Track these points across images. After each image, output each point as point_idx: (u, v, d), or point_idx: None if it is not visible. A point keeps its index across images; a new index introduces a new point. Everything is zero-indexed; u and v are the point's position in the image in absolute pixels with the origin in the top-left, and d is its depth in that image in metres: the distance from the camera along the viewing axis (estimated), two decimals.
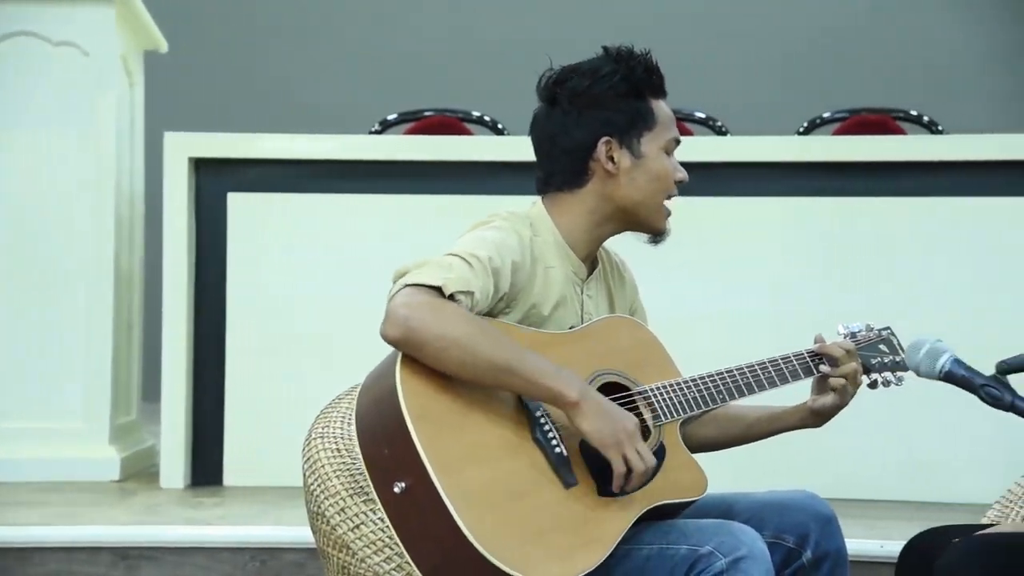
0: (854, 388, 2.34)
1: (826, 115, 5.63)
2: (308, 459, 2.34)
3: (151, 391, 4.77)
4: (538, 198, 2.38)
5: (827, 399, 2.34)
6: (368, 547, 2.24)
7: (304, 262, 4.43)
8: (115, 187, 4.55)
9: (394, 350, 2.14)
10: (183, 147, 4.48)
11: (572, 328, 2.29)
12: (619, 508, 2.16)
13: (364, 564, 2.24)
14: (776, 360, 2.35)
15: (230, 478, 4.37)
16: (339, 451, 2.31)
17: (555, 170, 2.34)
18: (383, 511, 2.09)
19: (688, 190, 2.41)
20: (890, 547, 2.22)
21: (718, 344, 4.06)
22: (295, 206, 4.47)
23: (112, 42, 4.57)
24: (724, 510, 2.31)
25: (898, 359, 2.37)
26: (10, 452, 4.38)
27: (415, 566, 2.06)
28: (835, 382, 2.33)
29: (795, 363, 2.35)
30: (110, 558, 3.53)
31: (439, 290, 2.12)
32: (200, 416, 4.43)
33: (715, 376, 2.31)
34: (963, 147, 4.40)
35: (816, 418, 2.37)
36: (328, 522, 2.27)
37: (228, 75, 6.94)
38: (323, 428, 2.36)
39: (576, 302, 2.33)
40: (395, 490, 2.05)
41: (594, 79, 2.30)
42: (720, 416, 2.44)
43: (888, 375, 2.37)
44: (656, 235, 2.37)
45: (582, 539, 2.10)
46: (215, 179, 4.49)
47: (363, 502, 2.24)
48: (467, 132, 5.48)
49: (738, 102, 6.38)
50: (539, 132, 2.36)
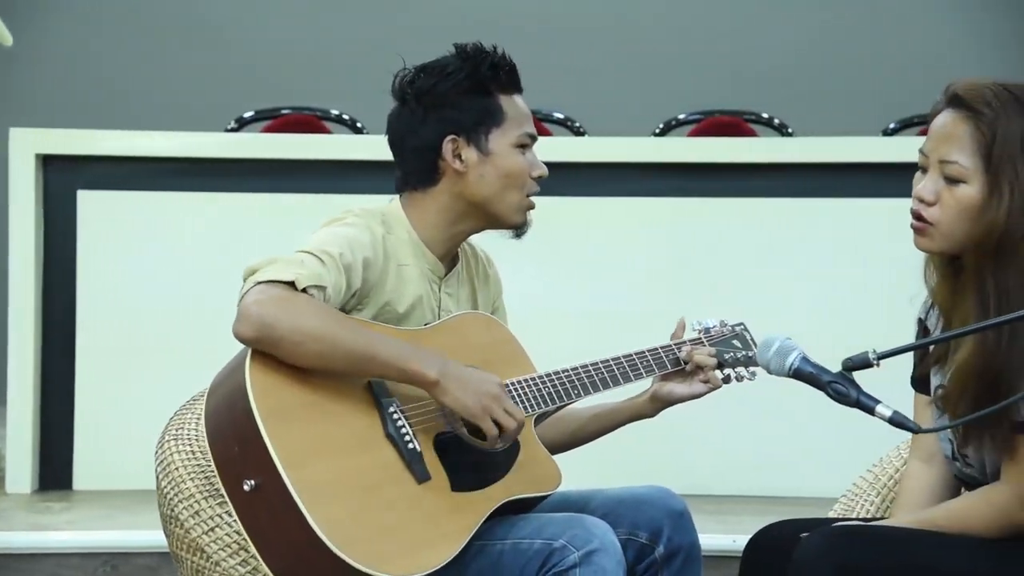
0: (707, 387, 2.37)
1: (681, 116, 5.71)
2: (161, 461, 2.30)
3: None
4: (396, 196, 2.38)
5: (678, 388, 2.37)
6: (223, 550, 2.21)
7: (157, 261, 4.35)
8: None
9: (243, 347, 2.11)
10: (30, 143, 4.36)
11: (427, 324, 2.29)
12: (473, 502, 2.17)
13: (219, 567, 2.21)
14: (631, 355, 2.37)
15: (80, 482, 4.27)
16: (193, 453, 2.28)
17: (408, 169, 2.34)
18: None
19: (546, 190, 2.42)
20: (742, 541, 2.26)
21: (576, 342, 4.08)
22: (148, 204, 4.38)
23: None
24: (579, 507, 2.32)
25: (751, 354, 2.41)
26: None
27: (265, 565, 2.05)
28: (697, 387, 2.37)
29: (649, 358, 2.37)
30: None
31: (291, 285, 2.10)
32: (48, 419, 4.32)
33: (570, 371, 2.32)
34: (813, 149, 4.50)
35: (655, 404, 2.40)
36: (182, 525, 2.24)
37: (79, 71, 6.78)
38: (177, 430, 2.33)
39: (433, 300, 2.33)
40: (245, 488, 2.03)
41: (440, 77, 2.30)
42: (560, 418, 2.45)
43: (741, 370, 2.41)
44: (515, 229, 2.37)
45: (435, 533, 2.11)
46: (64, 176, 4.38)
47: (218, 504, 2.21)
48: (325, 130, 5.44)
49: (596, 103, 6.44)
50: (392, 132, 2.37)
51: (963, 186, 2.03)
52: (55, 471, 4.28)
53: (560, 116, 5.66)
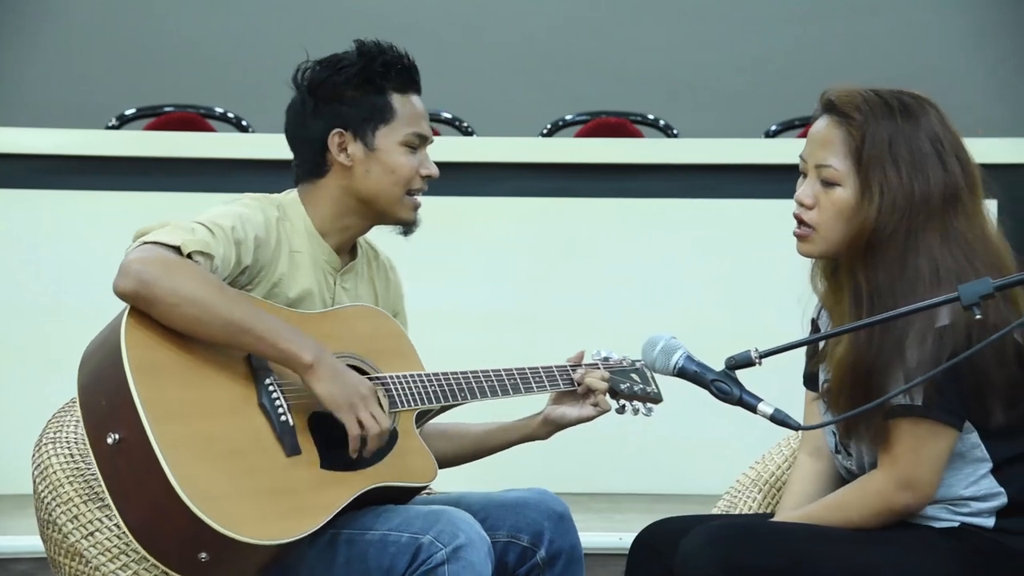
0: (597, 410, 2.39)
1: (568, 117, 5.74)
2: (38, 465, 2.26)
3: None
4: (294, 189, 2.38)
5: (570, 411, 2.39)
6: (103, 554, 2.17)
7: (36, 260, 4.26)
8: None
9: (124, 307, 2.10)
10: None
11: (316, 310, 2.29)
12: (341, 482, 2.16)
13: (98, 572, 2.17)
14: (524, 369, 2.38)
15: None
16: (72, 456, 2.24)
17: (300, 160, 2.36)
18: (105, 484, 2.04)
19: (434, 189, 2.42)
20: (628, 539, 2.28)
21: (464, 341, 4.10)
22: (26, 202, 4.29)
23: None
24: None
25: (649, 390, 2.43)
26: None
27: (122, 520, 2.04)
28: (586, 410, 2.37)
29: (542, 374, 2.38)
30: None
31: (177, 250, 2.10)
32: None
33: (459, 375, 2.32)
34: (697, 151, 4.57)
35: (548, 427, 2.41)
36: (60, 530, 2.20)
37: None
38: (55, 433, 2.29)
39: (327, 291, 2.32)
40: (108, 441, 2.03)
41: (333, 71, 2.31)
42: (451, 432, 2.45)
43: (638, 404, 2.44)
44: (403, 226, 2.37)
45: (297, 505, 2.10)
46: None
47: (98, 508, 2.18)
48: (209, 128, 5.37)
49: (484, 103, 6.45)
50: (287, 123, 2.38)
51: (838, 189, 2.08)
52: None
53: (448, 116, 5.66)
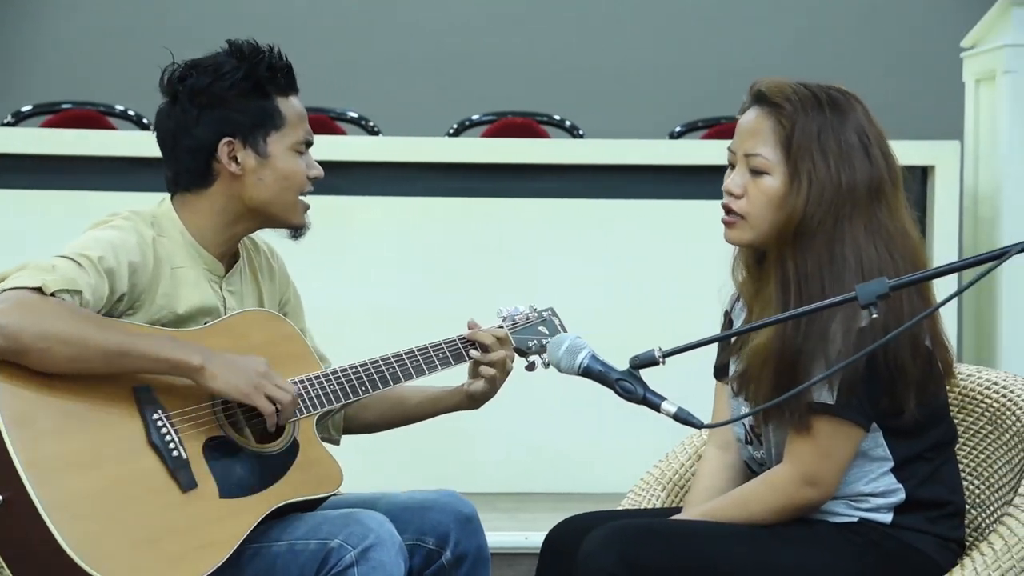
0: (503, 375, 2.36)
1: (475, 117, 5.74)
2: None
3: None
4: (167, 196, 2.30)
5: (479, 385, 2.36)
6: None
7: None
8: None
9: None
10: None
11: (207, 323, 2.24)
12: (242, 509, 2.12)
13: None
14: (425, 347, 2.35)
15: None
16: None
17: (180, 169, 2.27)
18: None
19: (337, 189, 2.40)
20: (534, 538, 2.28)
21: (370, 342, 4.05)
22: None
23: None
24: None
25: (547, 355, 2.42)
26: None
27: None
28: (485, 370, 2.35)
29: (445, 350, 2.35)
30: None
31: (39, 291, 2.02)
32: None
33: (358, 367, 2.29)
34: (602, 151, 4.59)
35: (471, 401, 2.39)
36: None
37: None
38: None
39: (217, 300, 2.26)
40: None
41: (215, 76, 2.23)
42: (382, 399, 2.41)
43: (547, 356, 2.42)
44: (294, 230, 2.33)
45: (199, 542, 2.06)
46: None
47: None
48: (110, 127, 5.28)
49: (390, 102, 6.42)
50: (162, 130, 2.29)
51: (767, 177, 2.11)
52: None
53: (354, 115, 5.62)
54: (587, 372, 2.00)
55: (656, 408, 1.94)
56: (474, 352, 2.36)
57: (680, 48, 6.69)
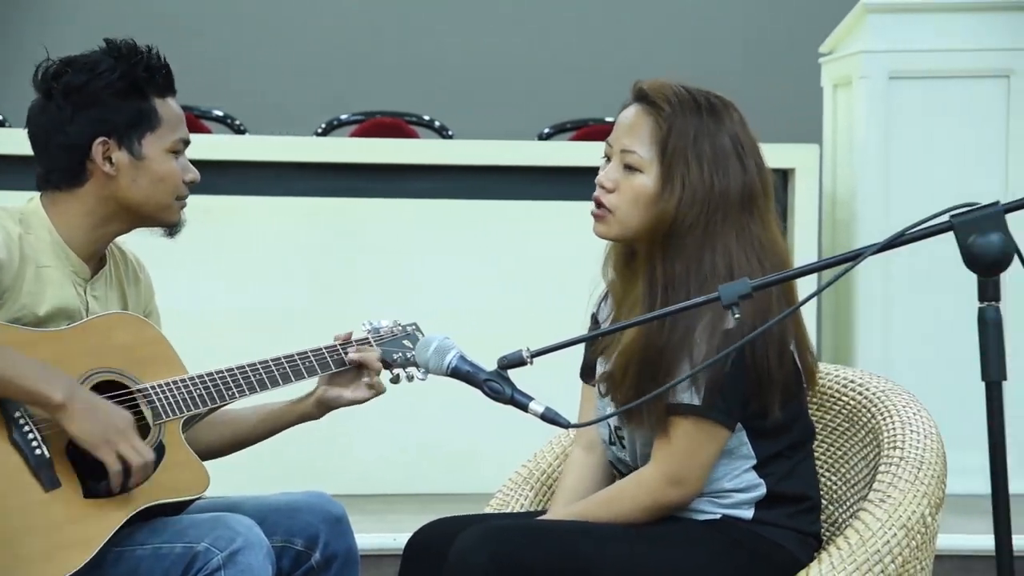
0: (372, 392, 2.37)
1: (344, 117, 5.71)
2: None
3: None
4: (37, 194, 2.26)
5: (344, 392, 2.35)
6: None
7: None
8: None
9: None
10: None
11: (70, 325, 2.19)
12: (107, 508, 2.09)
13: None
14: (293, 356, 2.34)
15: None
16: None
17: (52, 167, 2.23)
18: None
19: (206, 189, 2.37)
20: (402, 540, 2.28)
21: (239, 344, 4.01)
22: None
23: None
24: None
25: (415, 357, 2.42)
26: None
27: None
28: (377, 383, 2.35)
29: (312, 359, 2.35)
30: None
31: None
32: None
33: (224, 372, 2.27)
34: (471, 152, 4.60)
35: (321, 408, 2.37)
36: None
37: None
38: None
39: (80, 303, 2.23)
40: None
41: (92, 76, 2.20)
42: (221, 420, 2.39)
43: (412, 370, 2.42)
44: (170, 228, 2.31)
45: (60, 542, 2.03)
46: None
47: None
48: None
49: (257, 101, 6.35)
50: (34, 127, 2.25)
51: (640, 175, 2.13)
52: None
53: (219, 114, 5.55)
54: (455, 373, 2.01)
55: (524, 408, 1.96)
56: (355, 355, 2.35)
57: (549, 50, 6.74)
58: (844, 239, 4.65)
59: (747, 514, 2.15)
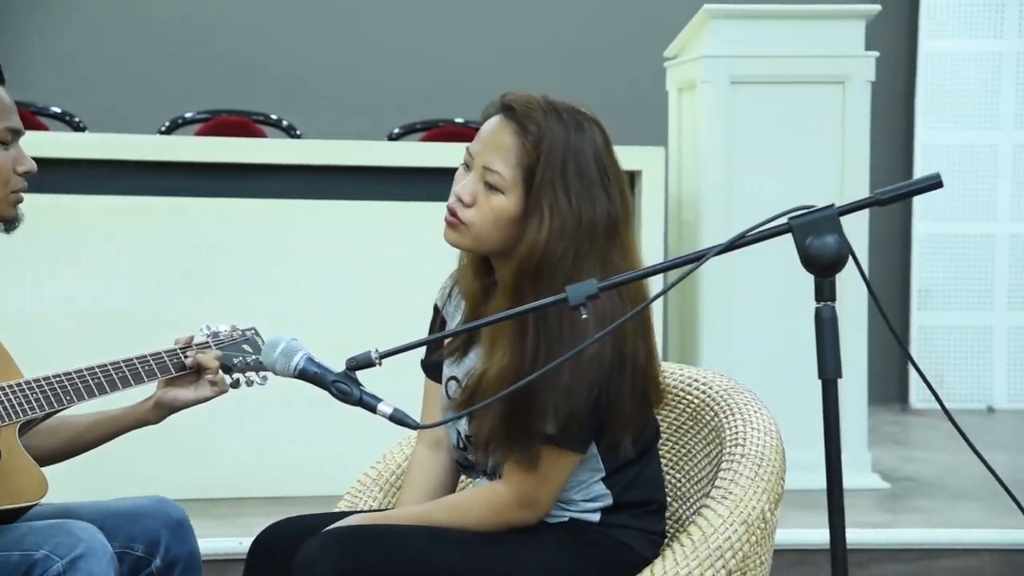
0: (215, 390, 2.34)
1: (188, 115, 5.61)
2: None
3: None
4: None
5: (184, 393, 2.32)
6: None
7: None
8: None
9: None
10: None
11: None
12: None
13: None
14: (132, 359, 2.29)
15: None
16: None
17: None
18: None
19: (44, 187, 2.31)
20: (248, 543, 2.25)
21: (80, 345, 3.94)
22: None
23: None
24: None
25: (260, 358, 2.40)
26: None
27: None
28: (221, 381, 2.32)
29: (152, 362, 2.31)
30: None
31: None
32: None
33: (62, 376, 2.22)
34: (320, 152, 4.56)
35: (160, 411, 2.34)
36: None
37: None
38: None
39: None
40: None
41: None
42: (58, 425, 2.34)
43: (252, 375, 2.40)
44: (4, 223, 2.24)
45: None
46: None
47: None
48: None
49: (97, 98, 6.21)
50: None
51: (500, 196, 2.08)
52: None
53: (58, 111, 5.41)
54: (303, 374, 1.99)
55: (372, 410, 1.94)
56: (202, 357, 2.32)
57: (398, 50, 6.73)
58: (690, 240, 4.73)
59: (593, 518, 2.17)
